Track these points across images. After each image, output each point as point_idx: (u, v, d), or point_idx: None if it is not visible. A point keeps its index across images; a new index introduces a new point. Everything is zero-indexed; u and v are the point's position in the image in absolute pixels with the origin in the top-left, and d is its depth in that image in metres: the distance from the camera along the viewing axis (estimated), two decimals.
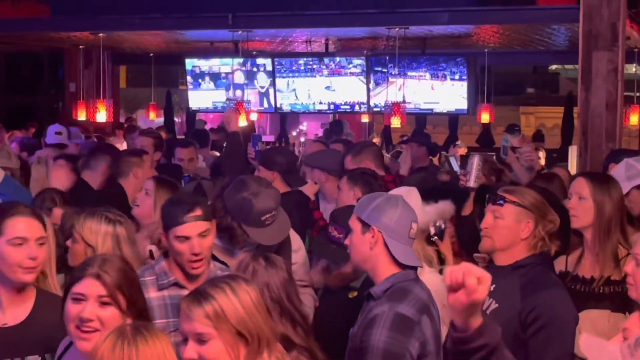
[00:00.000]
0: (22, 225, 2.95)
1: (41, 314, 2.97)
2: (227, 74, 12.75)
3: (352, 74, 12.00)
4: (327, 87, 12.23)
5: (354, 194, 4.58)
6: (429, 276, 3.30)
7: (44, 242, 3.00)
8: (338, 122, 13.61)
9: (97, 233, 3.41)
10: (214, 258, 3.49)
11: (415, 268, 3.10)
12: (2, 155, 5.14)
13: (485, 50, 12.67)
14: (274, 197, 3.72)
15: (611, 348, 1.92)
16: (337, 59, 12.21)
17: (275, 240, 3.68)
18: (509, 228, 3.25)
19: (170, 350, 2.06)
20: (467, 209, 4.60)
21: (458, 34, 11.27)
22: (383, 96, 11.70)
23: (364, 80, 11.91)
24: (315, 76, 12.22)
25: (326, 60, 12.19)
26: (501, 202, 3.26)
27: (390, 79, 11.66)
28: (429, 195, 4.09)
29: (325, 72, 12.12)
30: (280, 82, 12.41)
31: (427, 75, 11.58)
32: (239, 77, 12.69)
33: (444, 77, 11.50)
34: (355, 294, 3.41)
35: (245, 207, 3.60)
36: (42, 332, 2.90)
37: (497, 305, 3.18)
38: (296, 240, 4.01)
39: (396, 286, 3.00)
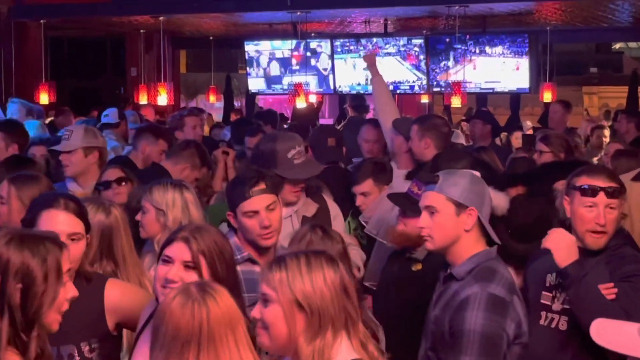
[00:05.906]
0: (57, 219, 2.83)
1: (76, 302, 2.49)
2: (285, 56, 12.76)
3: (411, 54, 11.91)
4: (387, 68, 12.13)
5: (425, 144, 4.87)
6: None
7: (78, 237, 2.87)
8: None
9: (164, 197, 3.50)
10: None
11: (497, 245, 2.98)
12: (89, 134, 4.95)
13: (547, 28, 12.45)
14: (293, 136, 3.82)
15: (628, 328, 1.73)
16: (396, 39, 12.12)
17: (308, 173, 3.74)
18: (619, 217, 3.20)
19: (235, 307, 2.09)
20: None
21: (519, 12, 11.11)
22: (443, 76, 11.59)
23: (424, 60, 11.81)
24: None
25: (385, 40, 12.12)
26: (617, 194, 3.15)
27: (450, 59, 11.54)
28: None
29: (384, 52, 12.04)
30: (339, 64, 12.37)
31: (488, 54, 11.41)
32: (298, 60, 12.69)
33: (505, 55, 11.31)
34: (420, 267, 3.35)
35: (268, 151, 3.71)
36: (78, 320, 2.75)
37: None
38: (334, 209, 4.04)
39: (481, 266, 2.89)
